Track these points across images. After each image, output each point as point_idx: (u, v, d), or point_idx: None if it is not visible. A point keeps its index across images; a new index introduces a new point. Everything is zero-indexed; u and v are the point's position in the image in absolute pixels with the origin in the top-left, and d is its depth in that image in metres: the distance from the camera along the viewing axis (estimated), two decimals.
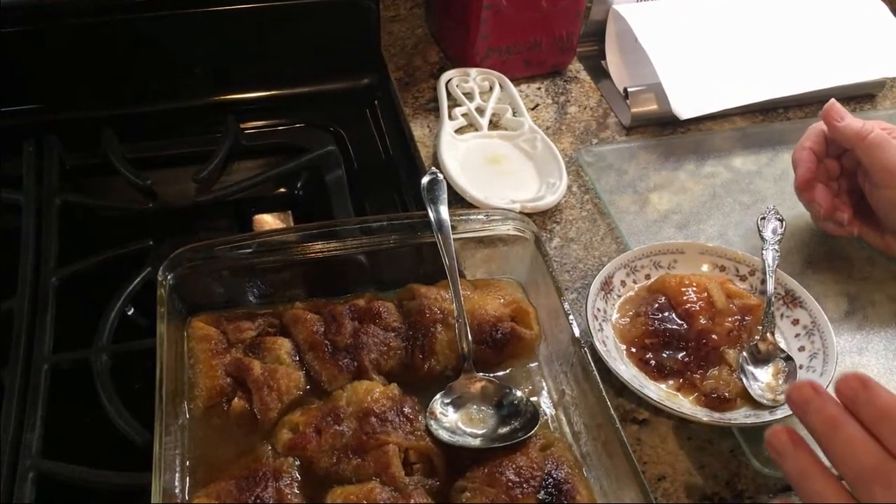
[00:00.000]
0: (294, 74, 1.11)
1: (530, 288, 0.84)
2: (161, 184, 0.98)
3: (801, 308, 0.84)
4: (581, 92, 1.15)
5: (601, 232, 0.96)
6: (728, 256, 0.89)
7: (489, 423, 0.73)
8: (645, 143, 1.07)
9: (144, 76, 1.06)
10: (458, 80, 1.10)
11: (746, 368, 0.79)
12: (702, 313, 0.83)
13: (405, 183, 1.03)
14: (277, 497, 0.66)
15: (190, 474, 0.68)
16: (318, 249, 0.80)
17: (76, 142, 1.01)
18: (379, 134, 1.10)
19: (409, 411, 0.72)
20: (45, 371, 0.79)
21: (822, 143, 0.92)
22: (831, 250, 0.95)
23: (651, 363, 0.81)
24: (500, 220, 0.83)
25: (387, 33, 1.20)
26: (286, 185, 1.05)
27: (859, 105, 1.17)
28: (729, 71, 1.11)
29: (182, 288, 0.77)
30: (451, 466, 0.70)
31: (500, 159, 1.02)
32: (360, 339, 0.76)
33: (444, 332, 0.77)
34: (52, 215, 0.92)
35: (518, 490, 0.67)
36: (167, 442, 0.66)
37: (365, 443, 0.69)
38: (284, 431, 0.70)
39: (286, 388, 0.73)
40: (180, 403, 0.72)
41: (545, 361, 0.80)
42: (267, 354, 0.75)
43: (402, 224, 0.82)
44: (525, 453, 0.70)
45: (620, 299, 0.86)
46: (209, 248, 0.77)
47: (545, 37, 1.12)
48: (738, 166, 1.05)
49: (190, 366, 0.74)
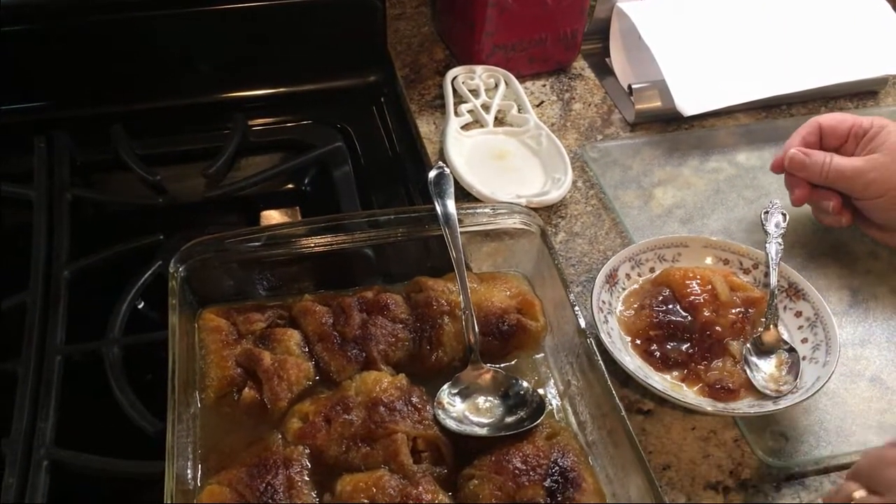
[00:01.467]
0: (301, 72, 1.12)
1: (536, 281, 0.85)
2: (170, 180, 1.00)
3: (804, 300, 0.85)
4: (585, 89, 1.16)
5: (606, 226, 0.97)
6: (732, 250, 0.90)
7: (496, 413, 0.74)
8: (649, 140, 1.08)
9: (154, 73, 1.08)
10: (464, 77, 1.11)
11: (750, 360, 0.80)
12: (706, 305, 0.84)
13: (412, 179, 1.04)
14: (288, 484, 0.67)
15: (202, 462, 0.69)
16: (326, 243, 0.81)
17: (86, 138, 1.02)
18: (385, 130, 1.11)
19: (416, 401, 0.73)
20: (58, 362, 0.80)
21: (815, 135, 0.93)
22: (834, 244, 0.96)
23: (656, 355, 0.81)
24: (507, 213, 0.84)
25: (393, 31, 1.21)
26: (294, 181, 1.06)
27: (862, 102, 1.17)
28: (732, 68, 1.12)
29: (193, 280, 0.78)
30: (459, 455, 0.71)
31: (505, 155, 1.03)
32: (368, 331, 0.77)
33: (452, 324, 0.78)
34: (63, 210, 0.93)
35: (525, 477, 0.68)
36: (179, 430, 0.67)
37: (374, 432, 0.70)
38: (294, 420, 0.71)
39: (296, 379, 0.74)
40: (192, 393, 0.73)
41: (551, 353, 0.81)
42: (277, 345, 0.76)
43: (410, 217, 0.83)
44: (531, 442, 0.71)
45: (625, 292, 0.87)
46: (219, 241, 0.79)
47: (550, 34, 1.13)
48: (741, 162, 1.06)
49: (201, 356, 0.76)
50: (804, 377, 0.79)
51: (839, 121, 0.93)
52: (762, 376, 0.79)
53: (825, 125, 0.93)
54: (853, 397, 0.82)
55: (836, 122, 0.93)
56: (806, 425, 0.79)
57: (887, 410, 0.81)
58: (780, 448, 0.77)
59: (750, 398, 0.78)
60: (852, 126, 0.92)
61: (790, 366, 0.80)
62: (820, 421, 0.79)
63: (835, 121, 0.93)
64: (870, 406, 0.81)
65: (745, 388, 0.79)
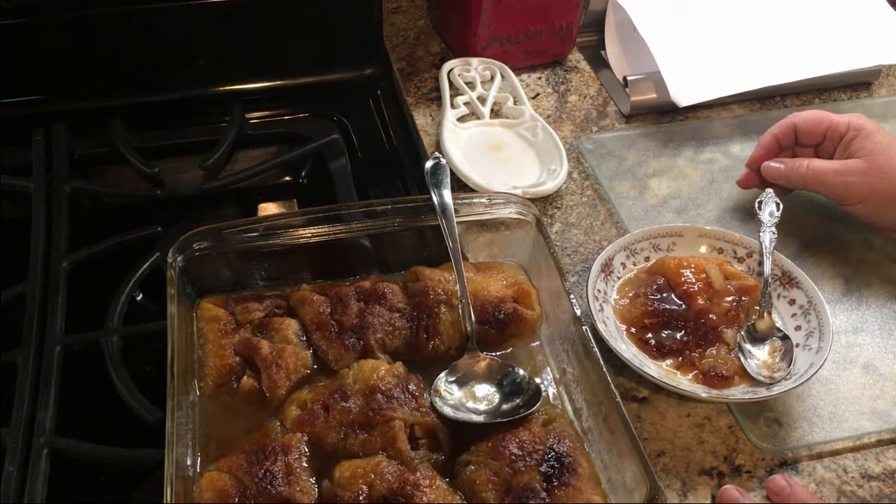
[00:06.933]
0: (298, 65, 1.13)
1: (532, 270, 0.85)
2: (168, 172, 1.01)
3: (797, 288, 0.86)
4: (581, 81, 1.17)
5: (601, 217, 0.98)
6: (726, 239, 0.90)
7: (492, 401, 0.75)
8: (644, 131, 1.09)
9: (151, 66, 1.08)
10: (460, 70, 1.12)
11: (744, 347, 0.81)
12: (700, 294, 0.84)
13: (408, 171, 1.04)
14: (286, 471, 0.67)
15: (201, 449, 0.70)
16: (323, 233, 0.81)
17: (85, 131, 1.03)
18: (382, 123, 1.12)
19: (414, 388, 0.73)
20: (58, 352, 0.81)
21: (790, 135, 0.95)
22: (828, 233, 0.97)
23: (651, 342, 0.82)
24: (503, 203, 0.84)
25: (389, 24, 1.22)
26: (291, 173, 1.07)
27: (855, 93, 1.18)
28: (727, 59, 1.13)
29: (191, 270, 0.78)
30: (456, 441, 0.72)
31: (501, 147, 1.04)
32: (365, 320, 0.78)
33: (448, 313, 0.79)
34: (61, 202, 0.94)
35: (521, 463, 0.68)
36: (179, 417, 0.67)
37: (371, 419, 0.71)
38: (293, 408, 0.72)
39: (294, 367, 0.75)
40: (191, 381, 0.73)
41: (547, 341, 0.81)
42: (275, 334, 0.77)
43: (406, 207, 0.83)
44: (528, 428, 0.71)
45: (620, 281, 0.88)
46: (217, 231, 0.79)
47: (545, 27, 1.14)
48: (736, 153, 1.07)
49: (199, 345, 0.76)
50: (797, 364, 0.80)
51: (815, 121, 0.94)
52: (756, 363, 0.80)
53: (801, 125, 0.94)
54: (846, 384, 0.82)
55: (812, 122, 0.94)
56: (799, 411, 0.80)
57: (880, 397, 0.81)
58: (773, 434, 0.78)
59: (744, 385, 0.79)
60: (828, 127, 0.93)
61: (784, 353, 0.80)
62: (813, 407, 0.80)
63: (810, 121, 0.94)
64: (863, 392, 0.82)
65: (739, 375, 0.80)
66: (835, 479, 0.76)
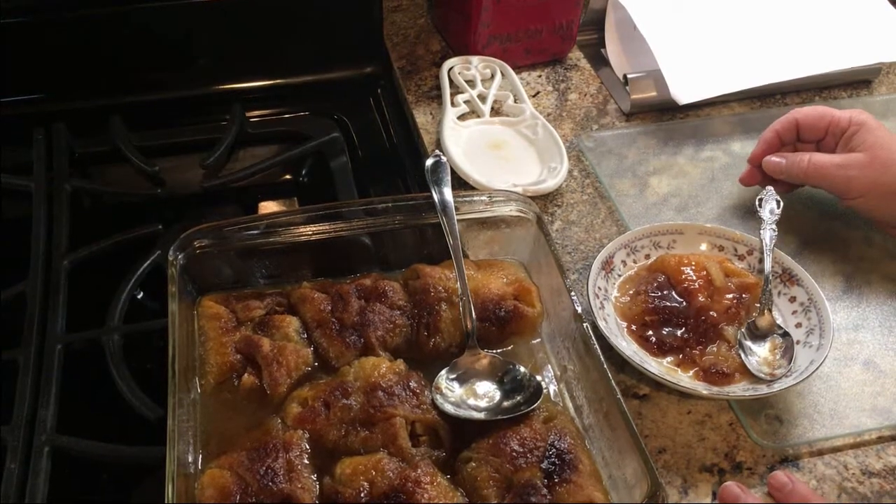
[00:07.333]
0: (298, 63, 1.13)
1: (532, 268, 0.85)
2: (169, 171, 1.01)
3: (797, 286, 0.86)
4: (581, 79, 1.17)
5: (602, 215, 0.98)
6: (726, 236, 0.90)
7: (493, 398, 0.75)
8: (644, 129, 1.09)
9: (152, 65, 1.08)
10: (460, 68, 1.12)
11: (745, 344, 0.81)
12: (701, 291, 0.84)
13: (409, 169, 1.04)
14: (287, 467, 0.67)
15: (202, 447, 0.70)
16: (324, 230, 0.81)
17: (85, 130, 1.03)
18: (382, 121, 1.12)
19: (415, 385, 0.73)
20: (59, 351, 0.81)
21: (791, 131, 0.95)
22: (828, 230, 0.97)
23: (651, 340, 0.82)
24: (503, 201, 0.85)
25: (389, 23, 1.22)
26: (291, 171, 1.07)
27: (855, 91, 1.18)
28: (727, 57, 1.13)
29: (192, 268, 0.79)
30: (457, 438, 0.72)
31: (501, 145, 1.04)
32: (366, 317, 0.78)
33: (449, 311, 0.79)
34: (62, 201, 0.94)
35: (522, 460, 0.68)
36: (180, 415, 0.67)
37: (372, 416, 0.71)
38: (294, 405, 0.72)
39: (295, 364, 0.75)
40: (192, 379, 0.73)
41: (547, 338, 0.81)
42: (276, 332, 0.77)
43: (407, 205, 0.83)
44: (528, 425, 0.71)
45: (621, 278, 0.88)
46: (218, 229, 0.79)
47: (545, 25, 1.14)
48: (736, 150, 1.07)
49: (200, 343, 0.76)
50: (798, 361, 0.80)
51: (817, 117, 0.94)
52: (756, 360, 0.80)
53: (802, 121, 0.94)
54: (847, 381, 0.82)
55: (815, 118, 0.94)
56: (800, 408, 0.80)
57: (880, 394, 0.81)
58: (774, 431, 0.78)
59: (744, 382, 0.79)
60: (830, 123, 0.93)
61: (784, 350, 0.81)
62: (814, 404, 0.80)
63: (812, 117, 0.94)
64: (863, 389, 0.82)
65: (740, 372, 0.80)
66: (835, 475, 0.76)
